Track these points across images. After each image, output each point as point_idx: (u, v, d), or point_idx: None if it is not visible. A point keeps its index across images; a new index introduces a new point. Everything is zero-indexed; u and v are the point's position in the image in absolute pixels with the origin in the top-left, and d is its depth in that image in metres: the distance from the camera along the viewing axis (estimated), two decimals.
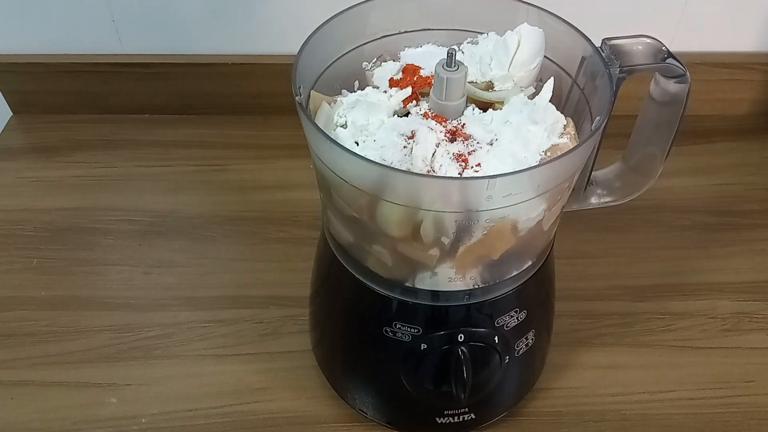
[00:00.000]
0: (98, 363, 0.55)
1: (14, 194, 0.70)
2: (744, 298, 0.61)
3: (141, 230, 0.66)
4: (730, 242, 0.65)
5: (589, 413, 0.53)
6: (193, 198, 0.69)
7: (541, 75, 0.43)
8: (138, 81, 0.75)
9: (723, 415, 0.53)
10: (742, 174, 0.72)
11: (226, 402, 0.53)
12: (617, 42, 0.40)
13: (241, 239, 0.65)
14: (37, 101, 0.78)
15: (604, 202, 0.49)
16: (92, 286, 0.61)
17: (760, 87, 0.76)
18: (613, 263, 0.63)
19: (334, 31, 0.42)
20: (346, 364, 0.52)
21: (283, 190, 0.70)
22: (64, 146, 0.75)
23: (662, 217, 0.68)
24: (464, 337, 0.44)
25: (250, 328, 0.58)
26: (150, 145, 0.75)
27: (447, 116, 0.40)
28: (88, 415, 0.52)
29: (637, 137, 0.47)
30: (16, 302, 0.60)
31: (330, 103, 0.42)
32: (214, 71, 0.72)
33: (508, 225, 0.38)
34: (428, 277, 0.41)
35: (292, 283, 0.60)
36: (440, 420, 0.48)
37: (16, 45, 0.74)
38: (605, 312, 0.59)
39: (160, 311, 0.59)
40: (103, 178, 0.71)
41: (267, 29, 0.72)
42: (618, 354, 0.56)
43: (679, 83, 0.42)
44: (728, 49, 0.74)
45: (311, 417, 0.52)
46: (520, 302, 0.45)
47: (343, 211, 0.41)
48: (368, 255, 0.42)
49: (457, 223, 0.37)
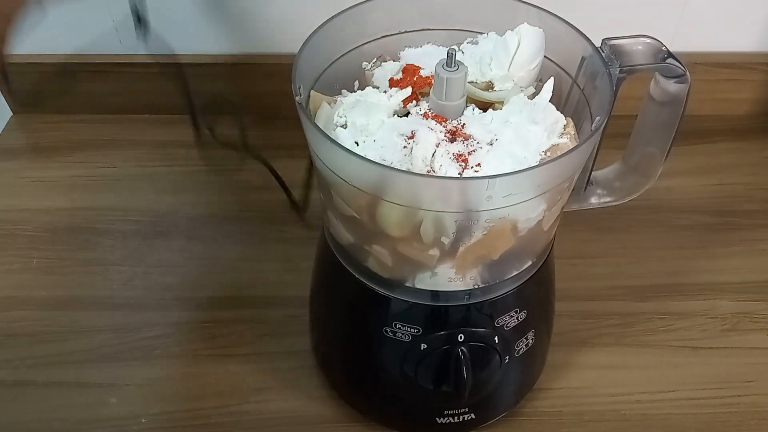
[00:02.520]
0: (98, 363, 0.55)
1: (14, 194, 0.70)
2: (744, 298, 0.61)
3: (141, 230, 0.66)
4: (730, 242, 0.65)
5: (589, 413, 0.53)
6: (193, 198, 0.69)
7: (541, 75, 0.43)
8: (138, 81, 0.75)
9: (723, 415, 0.53)
10: (742, 174, 0.72)
11: (226, 402, 0.53)
12: (617, 42, 0.40)
13: (241, 239, 0.65)
14: (37, 101, 0.77)
15: (604, 202, 0.49)
16: (92, 286, 0.61)
17: (760, 87, 0.76)
18: (613, 263, 0.63)
19: (334, 31, 0.42)
20: (346, 364, 0.52)
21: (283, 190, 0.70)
22: (64, 146, 0.75)
23: (662, 217, 0.68)
24: (464, 337, 0.44)
25: (250, 328, 0.58)
26: (150, 145, 0.75)
27: (447, 116, 0.40)
28: (88, 415, 0.52)
29: (637, 137, 0.47)
30: (16, 302, 0.60)
31: (330, 103, 0.42)
32: (215, 71, 0.72)
33: (508, 225, 0.38)
34: (428, 277, 0.41)
35: (292, 283, 0.60)
36: (440, 420, 0.48)
37: (16, 45, 0.74)
38: (605, 312, 0.59)
39: (160, 311, 0.59)
40: (103, 178, 0.71)
41: (267, 29, 0.72)
42: (618, 354, 0.56)
43: (679, 83, 0.42)
44: (728, 49, 0.74)
45: (311, 417, 0.52)
46: (520, 302, 0.45)
47: (343, 211, 0.41)
48: (368, 255, 0.42)
49: (457, 223, 0.37)
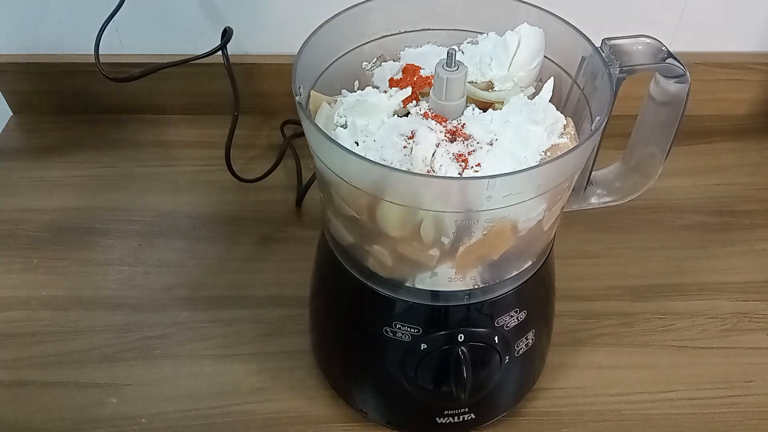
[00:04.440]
0: (98, 363, 0.55)
1: (14, 194, 0.70)
2: (744, 298, 0.61)
3: (141, 230, 0.66)
4: (730, 242, 0.65)
5: (588, 413, 0.53)
6: (193, 198, 0.69)
7: (541, 75, 0.43)
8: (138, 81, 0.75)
9: (723, 415, 0.53)
10: (742, 174, 0.72)
11: (226, 402, 0.53)
12: (617, 42, 0.40)
13: (241, 239, 0.65)
14: (37, 101, 0.78)
15: (604, 202, 0.49)
16: (92, 286, 0.61)
17: (760, 87, 0.76)
18: (613, 263, 0.63)
19: (334, 31, 0.42)
20: (346, 364, 0.52)
21: (283, 190, 0.70)
22: (64, 146, 0.75)
23: (662, 217, 0.68)
24: (464, 337, 0.44)
25: (249, 328, 0.58)
26: (150, 145, 0.75)
27: (447, 116, 0.40)
28: (88, 415, 0.52)
29: (637, 137, 0.47)
30: (16, 302, 0.60)
31: (330, 103, 0.42)
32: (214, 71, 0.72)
33: (508, 225, 0.38)
34: (428, 277, 0.41)
35: (292, 283, 0.60)
36: (440, 420, 0.48)
37: (16, 45, 0.74)
38: (605, 312, 0.59)
39: (160, 311, 0.59)
40: (103, 178, 0.71)
41: (267, 29, 0.72)
42: (618, 354, 0.57)
43: (679, 83, 0.42)
44: (728, 49, 0.74)
45: (311, 417, 0.52)
46: (520, 302, 0.45)
47: (343, 211, 0.41)
48: (368, 255, 0.42)
49: (457, 223, 0.37)
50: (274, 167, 0.69)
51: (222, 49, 0.65)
